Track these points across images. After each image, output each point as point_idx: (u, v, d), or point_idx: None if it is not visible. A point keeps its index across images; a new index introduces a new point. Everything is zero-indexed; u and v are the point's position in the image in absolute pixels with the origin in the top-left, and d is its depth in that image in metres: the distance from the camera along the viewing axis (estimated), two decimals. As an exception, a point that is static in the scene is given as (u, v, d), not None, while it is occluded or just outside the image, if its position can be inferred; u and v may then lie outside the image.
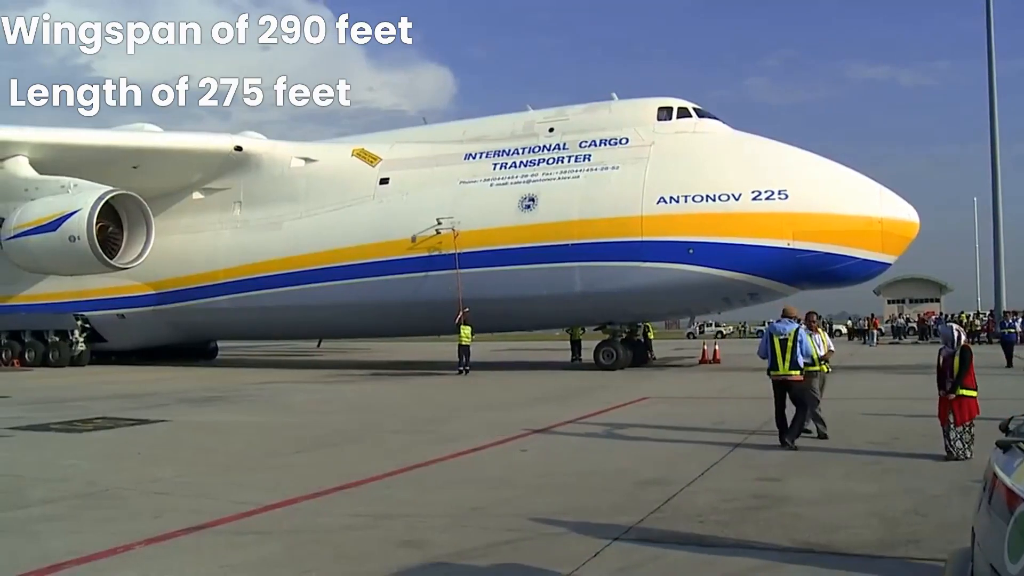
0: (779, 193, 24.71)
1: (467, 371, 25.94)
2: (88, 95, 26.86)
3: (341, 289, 28.95)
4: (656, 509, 6.82)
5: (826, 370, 11.77)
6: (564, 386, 21.35)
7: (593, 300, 26.12)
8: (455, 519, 6.59)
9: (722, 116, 28.14)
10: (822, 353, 11.45)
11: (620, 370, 26.41)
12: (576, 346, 34.16)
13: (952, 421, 9.09)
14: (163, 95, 27.42)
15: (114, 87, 27.17)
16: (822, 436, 10.77)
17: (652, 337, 33.98)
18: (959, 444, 9.02)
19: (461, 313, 26.30)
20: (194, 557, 5.65)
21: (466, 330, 26.43)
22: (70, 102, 26.82)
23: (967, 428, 9.05)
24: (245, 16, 27.87)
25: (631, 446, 10.66)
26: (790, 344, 10.46)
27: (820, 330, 12.34)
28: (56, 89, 27.02)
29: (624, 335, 28.53)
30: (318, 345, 47.43)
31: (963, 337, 9.51)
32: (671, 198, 25.30)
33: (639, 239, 25.27)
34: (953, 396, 9.11)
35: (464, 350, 26.37)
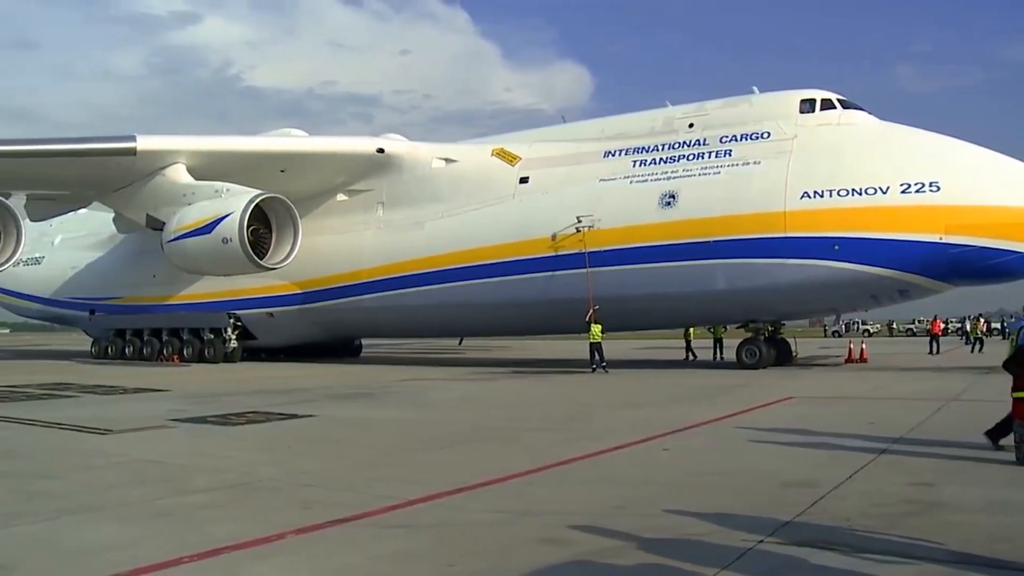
0: (930, 185, 23.71)
1: (604, 369, 25.87)
2: (239, 103, 27.94)
3: (482, 288, 29.31)
4: (803, 511, 6.63)
5: None
6: (705, 385, 21.03)
7: (735, 298, 25.67)
8: (596, 517, 6.57)
9: (868, 106, 27.17)
10: None
11: (763, 369, 25.88)
12: (717, 344, 33.87)
13: None
14: (308, 101, 28.29)
15: (262, 95, 28.14)
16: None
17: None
18: None
19: (591, 311, 26.26)
20: (342, 547, 5.81)
21: (596, 328, 26.37)
22: (222, 111, 27.97)
23: None
24: (385, 23, 28.51)
25: (775, 446, 10.41)
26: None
27: None
28: (210, 99, 28.20)
29: (767, 333, 27.94)
30: (460, 343, 48.15)
31: None
32: (815, 192, 24.62)
33: (782, 235, 24.70)
34: None
35: (596, 348, 26.31)
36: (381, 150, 32.59)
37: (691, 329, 34.39)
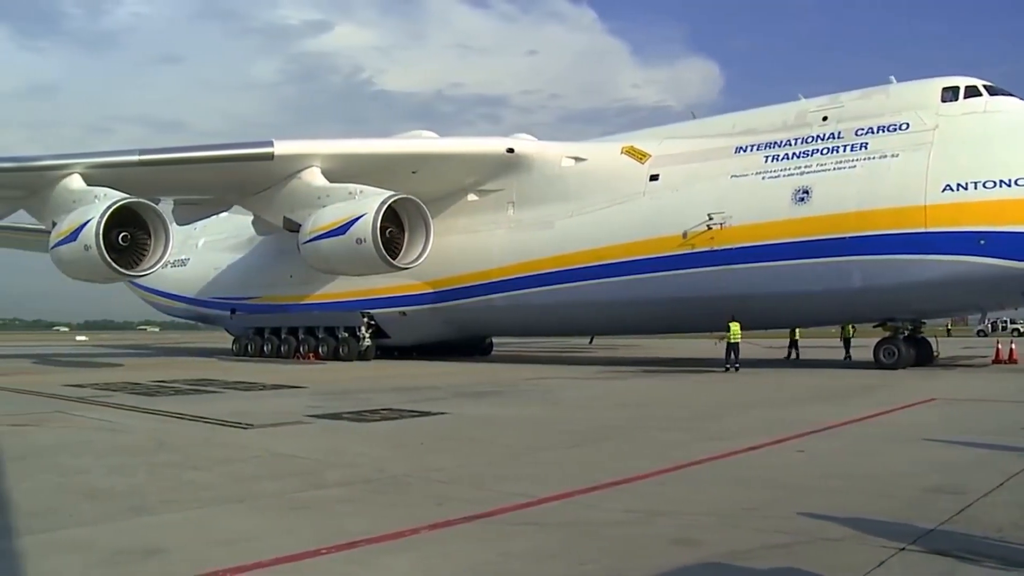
0: None
1: (736, 368, 25.47)
2: (370, 107, 28.58)
3: (612, 286, 29.22)
4: (948, 519, 6.32)
5: None
6: (841, 385, 20.44)
7: (872, 295, 24.86)
8: (728, 519, 6.46)
9: (1019, 92, 25.87)
10: None
11: (902, 369, 25.00)
12: (847, 344, 33.27)
13: None
14: (437, 103, 28.75)
15: (393, 99, 28.74)
16: None
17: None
18: None
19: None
20: (473, 544, 5.87)
21: (735, 327, 25.96)
22: (355, 115, 28.67)
23: None
24: (512, 24, 28.75)
25: (917, 450, 10.03)
26: None
27: None
28: (343, 104, 28.95)
29: (907, 332, 26.97)
30: (590, 342, 48.16)
31: None
32: (959, 185, 23.62)
33: (923, 230, 23.80)
34: None
35: (733, 347, 25.92)
36: (511, 150, 32.83)
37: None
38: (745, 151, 28.26)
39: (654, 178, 29.77)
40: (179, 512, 6.86)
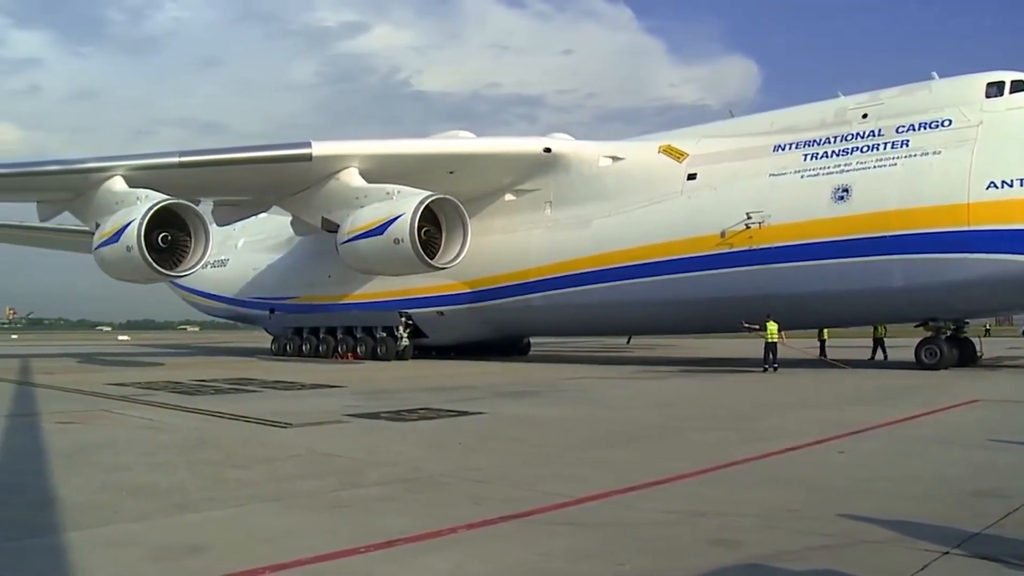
0: None
1: (775, 369, 25.29)
2: (407, 108, 28.70)
3: (649, 286, 29.10)
4: (994, 523, 6.20)
5: None
6: (882, 386, 20.23)
7: (914, 295, 24.55)
8: (768, 520, 6.42)
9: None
10: None
11: (945, 370, 24.68)
12: (878, 344, 32.96)
13: None
14: (473, 103, 28.79)
15: (429, 99, 28.82)
16: None
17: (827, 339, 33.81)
18: None
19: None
20: (512, 543, 5.87)
21: (772, 327, 25.79)
22: (392, 115, 28.79)
23: None
24: (548, 23, 28.77)
25: (961, 452, 9.90)
26: None
27: None
28: (380, 104, 29.09)
29: (949, 332, 26.61)
30: (627, 342, 48.00)
31: None
32: (1003, 182, 23.27)
33: (966, 228, 23.45)
34: None
35: (771, 347, 25.74)
36: (548, 149, 32.81)
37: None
38: (784, 149, 28.03)
39: (692, 177, 29.62)
40: (220, 510, 6.94)
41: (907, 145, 25.40)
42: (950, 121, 25.09)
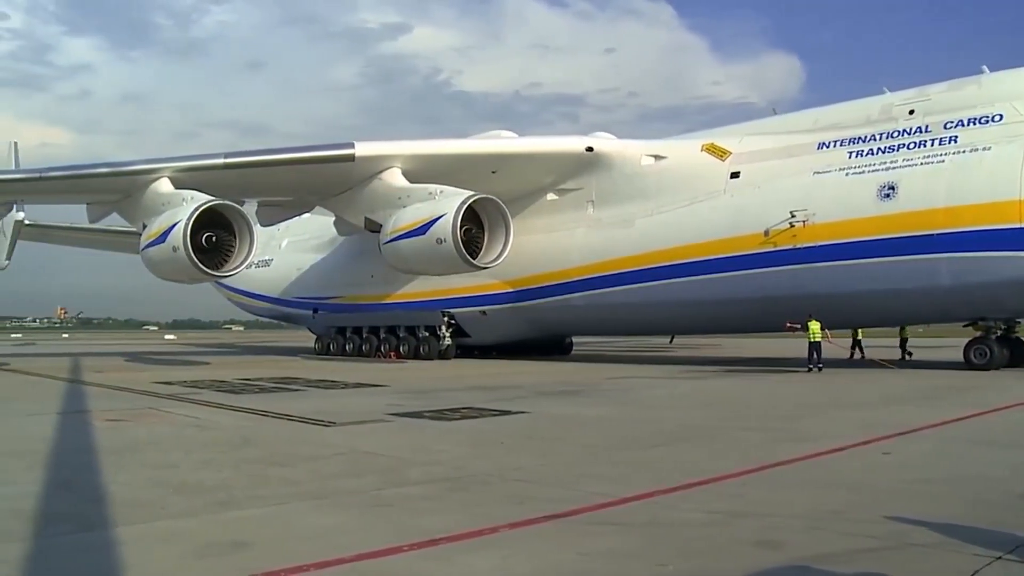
0: None
1: (819, 369, 25.04)
2: (448, 108, 28.75)
3: (692, 285, 28.93)
4: (1047, 527, 6.09)
5: None
6: (929, 386, 19.95)
7: (962, 294, 24.15)
8: (812, 521, 6.35)
9: None
10: None
11: (994, 370, 24.26)
12: (904, 344, 32.60)
13: None
14: (515, 103, 28.79)
15: (471, 99, 28.86)
16: None
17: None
18: None
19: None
20: (553, 543, 5.86)
21: (815, 326, 25.53)
22: (433, 115, 28.87)
23: None
24: (590, 22, 28.70)
25: (1012, 454, 9.73)
26: None
27: None
28: (421, 105, 29.19)
29: (1000, 332, 26.14)
30: (671, 341, 47.78)
31: None
32: (1057, 178, 22.83)
33: (1017, 226, 23.03)
34: None
35: (815, 347, 25.48)
36: (590, 148, 32.73)
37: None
38: (828, 147, 27.72)
39: (735, 176, 29.39)
40: (264, 507, 7.01)
41: (956, 141, 25.00)
42: (1001, 116, 24.65)
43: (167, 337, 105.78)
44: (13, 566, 5.31)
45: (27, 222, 44.32)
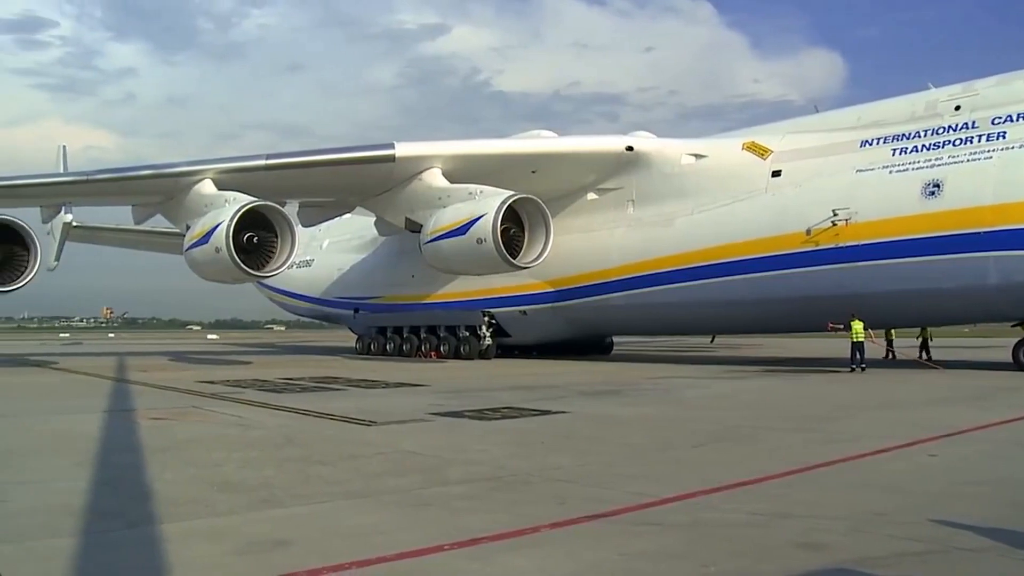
0: None
1: (862, 368, 24.76)
2: (487, 108, 28.79)
3: (733, 285, 28.74)
4: (1101, 531, 5.97)
5: None
6: (976, 386, 19.65)
7: (1010, 293, 23.75)
8: (856, 523, 6.27)
9: None
10: None
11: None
12: (925, 346, 32.30)
13: None
14: (554, 103, 28.76)
15: (510, 99, 28.88)
16: None
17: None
18: None
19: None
20: (594, 543, 5.85)
21: (857, 326, 25.25)
22: (472, 116, 28.92)
23: None
24: (629, 20, 28.63)
25: (1060, 455, 9.56)
26: None
27: None
28: (460, 105, 29.26)
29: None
30: (711, 341, 47.48)
31: None
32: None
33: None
34: None
35: (858, 347, 25.20)
36: (630, 148, 32.63)
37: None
38: (871, 144, 27.40)
39: (776, 174, 29.15)
40: (306, 505, 7.06)
41: (1003, 137, 24.59)
42: (1052, 111, 24.23)
43: (210, 337, 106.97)
44: (63, 561, 5.39)
45: (75, 224, 45.00)
